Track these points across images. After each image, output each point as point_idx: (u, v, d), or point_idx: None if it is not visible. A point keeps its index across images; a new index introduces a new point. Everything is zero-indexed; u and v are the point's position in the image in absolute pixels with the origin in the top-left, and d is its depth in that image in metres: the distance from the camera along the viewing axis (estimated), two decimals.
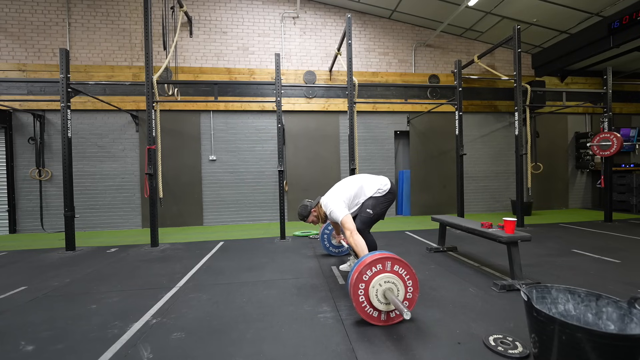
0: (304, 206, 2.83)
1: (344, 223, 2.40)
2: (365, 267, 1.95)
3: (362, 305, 1.95)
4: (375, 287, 1.93)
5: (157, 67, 5.64)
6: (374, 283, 1.93)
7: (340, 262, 3.49)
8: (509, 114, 7.71)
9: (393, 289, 1.95)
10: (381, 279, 1.94)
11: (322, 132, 7.01)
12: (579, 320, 1.59)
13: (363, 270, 1.94)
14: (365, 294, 1.94)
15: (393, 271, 1.97)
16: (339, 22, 7.18)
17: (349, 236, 2.33)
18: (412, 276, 2.00)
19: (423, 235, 4.91)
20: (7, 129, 6.04)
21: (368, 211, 2.67)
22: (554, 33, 7.08)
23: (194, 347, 1.82)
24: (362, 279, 1.94)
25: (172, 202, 6.49)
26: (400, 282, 1.96)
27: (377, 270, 1.96)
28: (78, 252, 4.35)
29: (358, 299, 1.94)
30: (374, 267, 1.95)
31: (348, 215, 2.45)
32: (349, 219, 2.42)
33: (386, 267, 1.97)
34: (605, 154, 5.75)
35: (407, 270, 1.99)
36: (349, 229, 2.36)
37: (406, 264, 1.99)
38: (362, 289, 1.94)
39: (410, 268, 2.00)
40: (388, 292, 1.91)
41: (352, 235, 2.32)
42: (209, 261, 3.70)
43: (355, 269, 2.00)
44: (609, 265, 3.18)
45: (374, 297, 1.93)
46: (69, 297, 2.64)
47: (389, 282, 1.94)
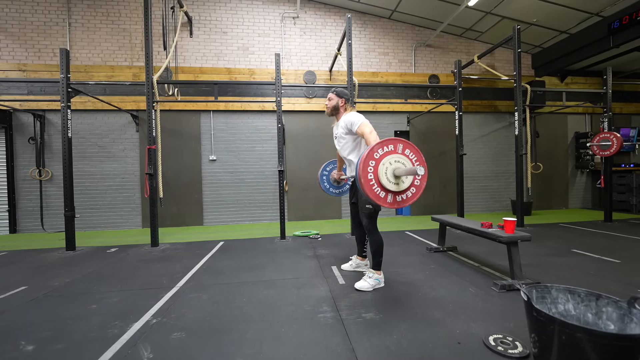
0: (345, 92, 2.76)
1: (364, 124, 2.42)
2: (377, 145, 1.92)
3: (370, 183, 1.91)
4: (385, 165, 1.89)
5: (157, 67, 5.64)
6: (384, 161, 1.90)
7: (341, 263, 3.49)
8: (509, 114, 7.71)
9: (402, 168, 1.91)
10: (392, 159, 1.91)
11: (322, 132, 7.00)
12: (579, 320, 1.59)
13: (375, 148, 1.91)
14: (374, 172, 1.90)
15: (404, 154, 1.95)
16: (339, 22, 7.18)
17: (369, 133, 2.32)
18: (422, 162, 1.97)
19: (423, 235, 4.91)
20: (7, 129, 6.04)
21: (368, 207, 2.64)
22: (554, 33, 7.08)
23: (194, 347, 1.82)
24: (372, 156, 1.90)
25: (172, 202, 6.49)
26: (409, 165, 1.93)
27: (388, 150, 1.93)
28: (78, 252, 4.35)
29: (367, 176, 1.89)
30: (385, 146, 1.93)
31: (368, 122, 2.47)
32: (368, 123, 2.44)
33: (397, 148, 1.94)
34: (605, 154, 5.75)
35: (418, 156, 1.97)
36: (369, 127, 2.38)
37: (417, 150, 1.97)
38: (372, 167, 1.90)
39: (420, 153, 1.97)
40: (397, 169, 1.88)
41: (372, 133, 2.31)
42: (209, 261, 3.70)
43: (368, 149, 1.96)
44: (609, 265, 3.18)
45: (382, 176, 1.89)
46: (69, 297, 2.64)
47: (398, 162, 1.91)
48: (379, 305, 2.32)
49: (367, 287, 2.61)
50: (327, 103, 2.81)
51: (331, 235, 5.05)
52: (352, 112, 2.66)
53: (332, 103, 2.77)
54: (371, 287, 2.61)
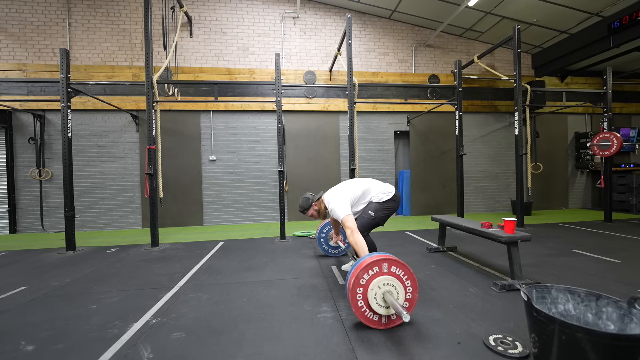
0: (305, 198, 2.83)
1: (345, 222, 2.39)
2: (361, 270, 1.90)
3: (361, 310, 1.91)
4: (374, 290, 1.89)
5: (157, 67, 5.65)
6: (372, 286, 1.89)
7: (340, 263, 3.49)
8: (509, 114, 7.71)
9: (392, 291, 1.90)
10: (379, 282, 1.89)
11: (322, 132, 7.00)
12: (579, 320, 1.59)
13: (360, 274, 1.90)
14: (364, 298, 1.90)
15: (390, 273, 1.93)
16: (339, 22, 7.18)
17: (350, 235, 2.32)
18: (410, 277, 1.96)
19: (423, 235, 4.91)
20: (7, 129, 6.04)
21: (370, 213, 2.66)
22: (554, 33, 7.08)
23: (194, 347, 1.82)
24: (359, 283, 1.90)
25: (172, 202, 6.49)
26: (399, 284, 1.92)
27: (374, 273, 1.91)
28: (78, 252, 4.35)
29: (357, 303, 1.90)
30: (370, 270, 1.91)
31: (350, 215, 2.43)
32: (350, 218, 2.41)
33: (383, 269, 1.92)
34: (605, 154, 5.75)
35: (405, 270, 1.95)
36: (350, 228, 2.34)
37: (404, 265, 1.95)
38: (361, 294, 1.90)
39: (408, 268, 1.96)
40: (387, 295, 1.87)
41: (352, 234, 2.31)
42: (209, 261, 3.70)
43: (351, 273, 1.96)
44: (609, 265, 3.18)
45: (372, 301, 1.89)
46: (69, 297, 2.64)
47: (387, 284, 1.90)
48: None
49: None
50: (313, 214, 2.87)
51: None
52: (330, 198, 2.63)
53: (315, 214, 2.85)
54: None
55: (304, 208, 2.83)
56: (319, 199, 2.83)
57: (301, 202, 2.84)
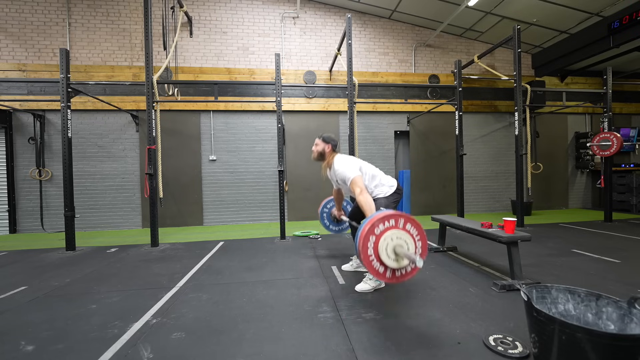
0: (330, 137, 2.75)
1: (355, 181, 2.39)
2: (378, 220, 1.90)
3: (369, 259, 1.90)
4: (386, 240, 1.88)
5: (157, 67, 5.64)
6: (385, 237, 1.89)
7: (340, 263, 3.49)
8: (509, 114, 7.71)
9: (403, 245, 1.91)
10: (393, 234, 1.89)
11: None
12: (579, 320, 1.59)
13: (376, 223, 1.90)
14: (374, 248, 1.89)
15: (405, 229, 1.93)
16: (339, 22, 7.18)
17: (359, 194, 2.32)
18: (422, 237, 1.97)
19: None
20: (7, 129, 6.04)
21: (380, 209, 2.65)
22: (554, 33, 7.08)
23: (194, 347, 1.82)
24: (373, 231, 1.89)
25: (172, 202, 6.49)
26: (410, 241, 1.93)
27: (389, 226, 1.91)
28: (78, 252, 4.35)
29: (367, 251, 1.89)
30: (387, 221, 1.91)
31: (359, 176, 2.42)
32: (359, 179, 2.40)
33: (399, 224, 1.92)
34: (605, 154, 5.75)
35: (419, 230, 1.96)
36: (359, 187, 2.35)
37: (418, 224, 1.96)
38: (372, 242, 1.89)
39: (422, 228, 1.96)
40: (398, 247, 1.88)
41: (362, 193, 2.31)
42: (209, 261, 3.70)
43: (367, 222, 1.95)
44: (609, 265, 3.18)
45: (383, 251, 1.88)
46: (69, 297, 2.64)
47: (400, 238, 1.90)
48: (378, 306, 2.32)
49: (368, 289, 2.61)
50: (313, 148, 2.83)
51: (331, 235, 5.04)
52: (340, 160, 2.63)
53: (319, 149, 2.79)
54: (372, 289, 2.61)
55: (323, 138, 2.76)
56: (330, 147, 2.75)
57: (327, 135, 2.77)
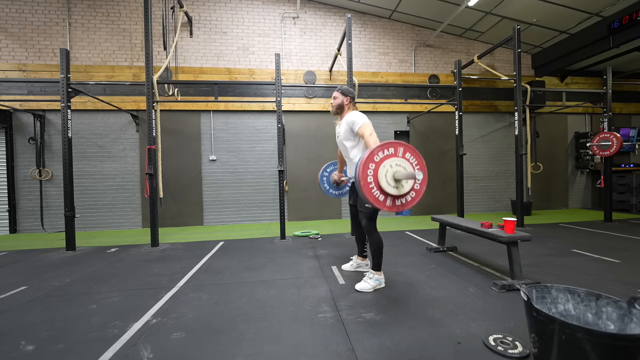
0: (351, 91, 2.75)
1: (366, 125, 2.46)
2: (377, 148, 1.90)
3: (369, 186, 1.89)
4: (385, 167, 1.87)
5: (157, 67, 5.64)
6: (384, 164, 1.88)
7: (340, 263, 3.49)
8: (509, 114, 7.71)
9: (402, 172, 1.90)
10: (392, 162, 1.89)
11: (322, 132, 7.00)
12: (578, 320, 1.59)
13: (375, 151, 1.89)
14: (374, 175, 1.88)
15: (405, 157, 1.93)
16: (339, 22, 7.18)
17: (369, 135, 2.38)
18: (422, 167, 1.96)
19: (423, 235, 4.91)
20: (7, 129, 6.04)
21: (367, 206, 2.61)
22: (554, 33, 7.08)
23: (194, 347, 1.82)
24: (372, 159, 1.88)
25: (172, 202, 6.49)
26: (410, 169, 1.92)
27: (389, 154, 1.91)
28: (78, 252, 4.35)
29: (367, 179, 1.87)
30: (386, 149, 1.90)
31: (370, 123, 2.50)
32: (370, 124, 2.48)
33: (398, 152, 1.92)
34: (605, 154, 5.75)
35: (418, 159, 1.96)
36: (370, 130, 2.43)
37: (417, 154, 1.96)
38: (372, 170, 1.88)
39: (420, 157, 1.96)
40: (397, 173, 1.87)
41: (372, 135, 2.37)
42: (209, 261, 3.70)
43: (367, 151, 1.95)
44: (609, 265, 3.18)
45: (382, 179, 1.87)
46: (69, 297, 2.64)
47: (399, 165, 1.90)
48: (379, 306, 2.32)
49: (368, 288, 2.60)
50: (332, 101, 2.80)
51: (331, 235, 5.05)
52: (356, 111, 2.65)
53: (337, 102, 2.76)
54: (372, 288, 2.61)
55: (342, 91, 2.75)
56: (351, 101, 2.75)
57: (346, 87, 2.77)
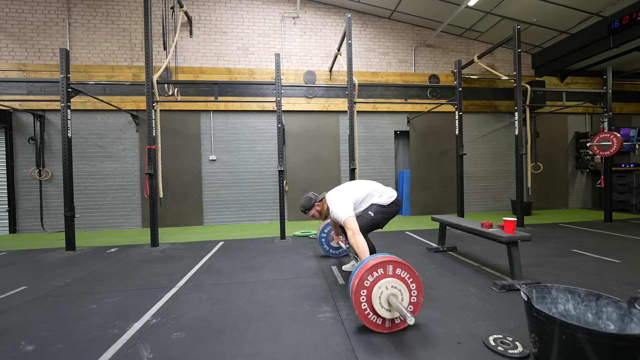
0: (308, 198, 2.81)
1: (347, 223, 2.36)
2: (366, 272, 1.85)
3: (365, 313, 1.87)
4: (377, 292, 1.84)
5: (157, 67, 5.64)
6: (376, 289, 1.84)
7: (340, 263, 3.49)
8: (509, 114, 7.70)
9: (397, 294, 1.86)
10: (384, 284, 1.85)
11: (322, 132, 7.00)
12: (579, 320, 1.59)
13: (364, 276, 1.85)
14: (367, 301, 1.85)
15: (395, 275, 1.88)
16: (339, 22, 7.18)
17: (351, 237, 2.29)
18: (415, 279, 1.92)
19: (423, 235, 4.91)
20: (7, 129, 6.04)
21: (370, 214, 2.65)
22: (554, 33, 7.08)
23: (194, 347, 1.82)
24: (363, 285, 1.85)
25: (172, 202, 6.49)
26: (403, 287, 1.88)
27: (378, 275, 1.87)
28: (78, 252, 4.34)
29: (360, 306, 1.86)
30: (375, 271, 1.86)
31: (352, 217, 2.40)
32: (352, 219, 2.37)
33: (388, 271, 1.87)
34: (605, 154, 5.75)
35: (410, 273, 1.91)
36: (352, 229, 2.31)
37: (409, 267, 1.91)
38: (364, 296, 1.85)
39: (413, 271, 1.91)
40: (391, 297, 1.83)
41: (354, 236, 2.27)
42: (209, 261, 3.70)
43: (355, 274, 1.92)
44: (609, 265, 3.18)
45: (377, 304, 1.84)
46: (69, 297, 2.64)
47: (392, 287, 1.86)
48: None
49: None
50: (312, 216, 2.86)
51: None
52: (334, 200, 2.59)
53: (315, 213, 2.82)
54: None
55: (305, 208, 2.82)
56: (321, 200, 2.81)
57: (303, 201, 2.82)
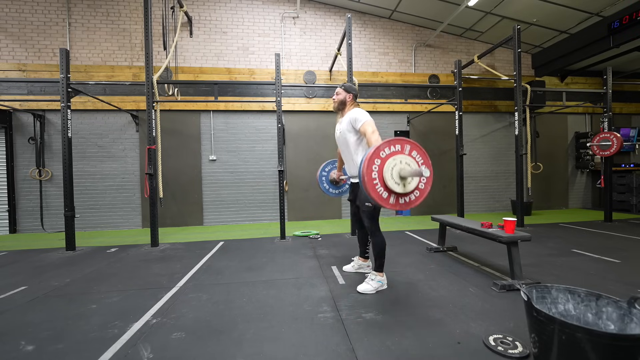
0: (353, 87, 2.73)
1: (368, 122, 2.42)
2: (384, 144, 1.86)
3: (373, 182, 1.85)
4: (391, 164, 1.84)
5: (157, 67, 5.64)
6: (390, 161, 1.84)
7: (340, 263, 3.49)
8: (509, 114, 7.71)
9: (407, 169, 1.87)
10: (398, 159, 1.86)
11: (322, 132, 7.00)
12: (579, 320, 1.59)
13: (381, 147, 1.86)
14: (379, 172, 1.84)
15: (411, 155, 1.89)
16: (339, 22, 7.18)
17: (371, 133, 2.34)
18: (428, 165, 1.93)
19: (423, 235, 4.91)
20: (7, 129, 6.04)
21: (367, 205, 2.57)
22: (554, 33, 7.08)
23: (194, 347, 1.82)
24: (378, 155, 1.85)
25: (172, 202, 6.49)
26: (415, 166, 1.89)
27: (395, 150, 1.88)
28: (78, 252, 4.35)
29: (371, 174, 1.84)
30: (392, 146, 1.88)
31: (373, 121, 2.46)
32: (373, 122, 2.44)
33: (405, 149, 1.89)
34: (605, 154, 5.75)
35: (424, 158, 1.92)
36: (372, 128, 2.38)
37: (424, 152, 1.92)
38: (377, 166, 1.85)
39: (427, 156, 1.93)
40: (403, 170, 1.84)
41: (374, 133, 2.33)
42: (209, 261, 3.70)
43: (373, 147, 1.91)
44: (609, 265, 3.18)
45: (388, 175, 1.83)
46: (69, 297, 2.64)
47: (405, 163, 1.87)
48: (379, 305, 2.32)
49: (370, 289, 2.57)
50: (334, 97, 2.78)
51: (331, 235, 5.05)
52: (358, 108, 2.62)
53: (340, 97, 2.74)
54: (374, 290, 2.58)
55: (345, 88, 2.72)
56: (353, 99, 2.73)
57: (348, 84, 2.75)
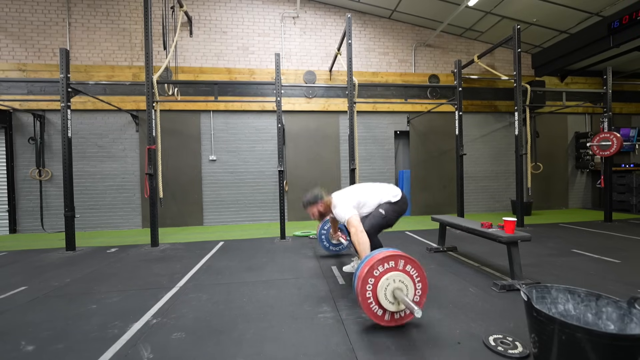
0: (314, 195, 2.70)
1: (350, 221, 2.36)
2: (377, 262, 1.87)
3: (368, 301, 1.88)
4: (384, 284, 1.86)
5: (157, 67, 5.64)
6: (383, 280, 1.86)
7: (340, 263, 3.49)
8: (509, 114, 7.70)
9: (402, 288, 1.87)
10: (392, 277, 1.87)
11: (322, 132, 7.00)
12: (578, 320, 1.59)
13: (375, 265, 1.87)
14: (373, 290, 1.87)
15: (405, 270, 1.90)
16: (339, 22, 7.18)
17: (354, 234, 2.30)
18: (422, 278, 1.94)
19: (423, 235, 4.91)
20: (7, 129, 6.04)
21: (381, 211, 2.62)
22: (554, 33, 7.08)
23: (194, 347, 1.82)
24: (372, 273, 1.87)
25: (172, 202, 6.49)
26: (410, 283, 1.90)
27: (388, 267, 1.89)
28: (78, 252, 4.35)
29: (365, 294, 1.87)
30: (386, 263, 1.88)
31: (355, 215, 2.41)
32: (355, 217, 2.39)
33: (398, 265, 1.89)
34: (605, 154, 5.75)
35: (419, 271, 1.93)
36: (355, 227, 2.32)
37: (418, 265, 1.93)
38: (371, 284, 1.87)
39: (422, 270, 1.93)
40: (397, 291, 1.85)
41: (356, 233, 2.28)
42: (209, 261, 3.70)
43: (365, 262, 1.93)
44: (609, 265, 3.18)
45: (381, 294, 1.86)
46: (69, 297, 2.64)
47: (400, 281, 1.87)
48: None
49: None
50: (311, 214, 2.76)
51: None
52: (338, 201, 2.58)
53: (315, 211, 2.72)
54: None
55: (309, 202, 2.71)
56: (325, 200, 2.71)
57: (309, 196, 2.72)
